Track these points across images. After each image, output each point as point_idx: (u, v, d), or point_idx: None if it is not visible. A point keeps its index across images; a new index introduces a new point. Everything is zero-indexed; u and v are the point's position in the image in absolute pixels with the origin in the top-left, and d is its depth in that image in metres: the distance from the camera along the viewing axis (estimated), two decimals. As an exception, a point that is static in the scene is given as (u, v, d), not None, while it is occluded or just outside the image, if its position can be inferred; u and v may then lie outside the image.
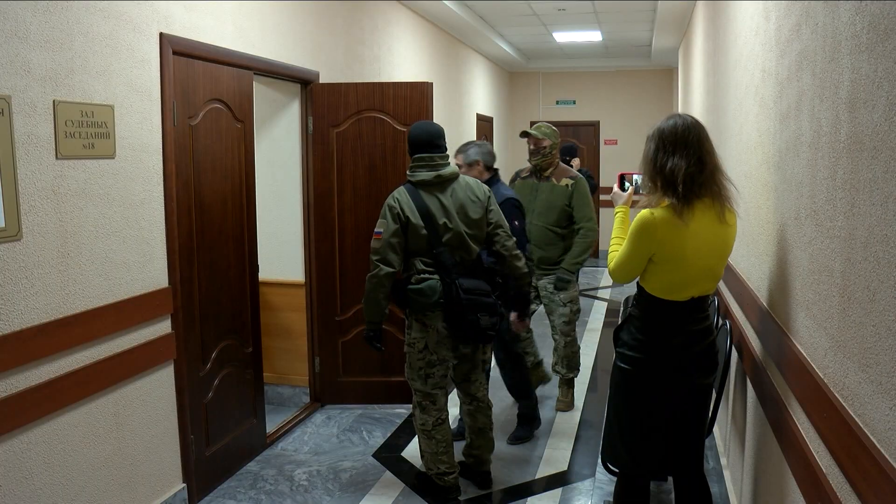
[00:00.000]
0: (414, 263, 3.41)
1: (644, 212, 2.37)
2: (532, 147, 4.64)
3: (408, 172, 3.48)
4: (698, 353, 2.45)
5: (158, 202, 3.23)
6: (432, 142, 3.45)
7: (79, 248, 2.76)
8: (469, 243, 3.44)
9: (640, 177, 2.58)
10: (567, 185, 4.60)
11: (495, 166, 4.13)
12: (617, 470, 2.76)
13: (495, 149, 10.75)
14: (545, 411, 4.78)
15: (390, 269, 3.35)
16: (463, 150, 4.04)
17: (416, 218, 3.35)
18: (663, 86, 11.35)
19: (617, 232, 2.58)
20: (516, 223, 3.88)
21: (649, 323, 2.46)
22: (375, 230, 3.39)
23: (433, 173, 3.40)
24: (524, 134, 4.64)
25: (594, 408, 4.90)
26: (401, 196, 3.39)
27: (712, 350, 2.50)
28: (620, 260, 2.46)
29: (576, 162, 8.20)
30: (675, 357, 2.44)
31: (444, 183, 3.43)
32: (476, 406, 3.67)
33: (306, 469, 3.93)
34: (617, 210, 2.66)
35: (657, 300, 2.42)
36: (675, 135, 2.34)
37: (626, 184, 2.72)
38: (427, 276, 3.38)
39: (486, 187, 3.58)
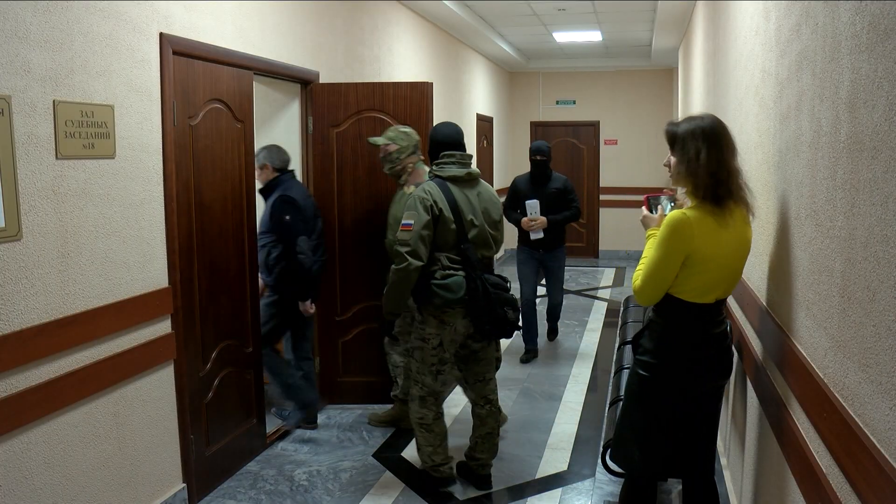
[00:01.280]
0: (439, 258, 3.40)
1: (676, 213, 2.30)
2: (380, 154, 4.16)
3: (434, 168, 3.53)
4: (718, 356, 2.43)
5: (158, 202, 3.23)
6: (459, 141, 3.57)
7: (79, 248, 2.76)
8: (491, 242, 3.55)
9: (666, 198, 2.55)
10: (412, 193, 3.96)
11: (289, 167, 4.26)
12: (623, 471, 2.74)
13: (495, 148, 10.76)
14: (539, 410, 4.78)
15: (419, 263, 3.32)
16: (255, 155, 4.14)
17: (447, 211, 3.37)
18: (663, 86, 11.35)
19: (647, 253, 2.42)
20: (287, 217, 4.03)
21: (672, 328, 2.40)
22: (404, 221, 3.36)
23: (465, 170, 3.49)
24: (371, 143, 4.16)
25: (594, 408, 4.90)
26: (432, 189, 3.41)
27: (730, 352, 2.48)
28: (650, 270, 2.33)
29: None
30: (698, 361, 2.41)
31: (472, 181, 3.53)
32: (488, 410, 3.68)
33: (306, 469, 3.93)
34: (649, 233, 2.52)
35: (683, 304, 2.35)
36: (718, 135, 2.30)
37: (656, 206, 2.60)
38: (452, 271, 3.38)
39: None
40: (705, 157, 2.28)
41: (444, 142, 3.55)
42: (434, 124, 3.76)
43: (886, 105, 1.31)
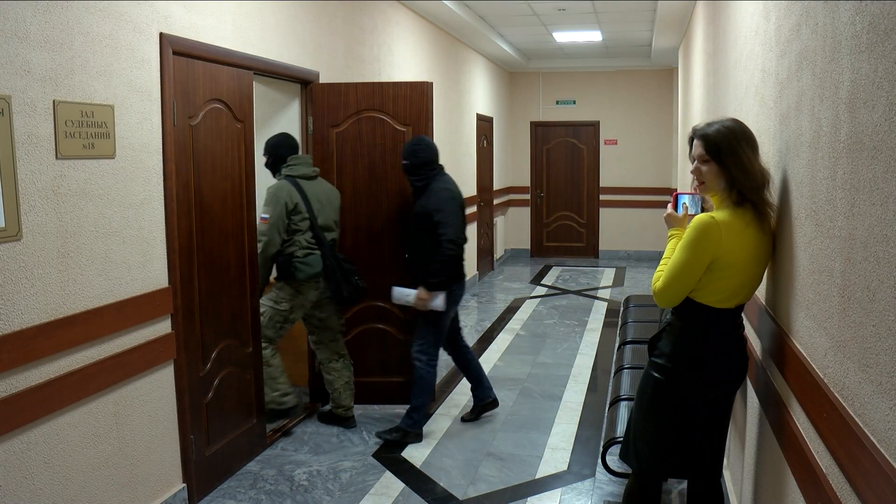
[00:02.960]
0: (298, 241, 4.16)
1: (703, 216, 2.25)
2: None
3: (285, 170, 4.21)
4: (735, 361, 2.41)
5: (158, 202, 3.23)
6: (298, 146, 4.34)
7: (79, 248, 2.76)
8: (335, 226, 4.34)
9: (694, 197, 2.49)
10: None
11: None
12: (631, 469, 2.73)
13: (495, 149, 10.76)
14: (539, 410, 4.78)
15: (275, 249, 4.12)
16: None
17: (301, 204, 4.13)
18: (663, 86, 11.34)
19: (669, 253, 2.38)
20: None
21: (692, 333, 2.36)
22: (262, 215, 4.09)
23: (311, 169, 4.28)
24: None
25: (594, 408, 4.90)
26: (286, 187, 4.13)
27: (746, 356, 2.46)
28: (673, 272, 2.27)
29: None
30: (715, 367, 2.38)
31: (316, 177, 4.31)
32: (343, 363, 4.46)
33: (306, 469, 3.93)
34: (671, 233, 2.46)
35: (705, 309, 2.31)
36: (754, 140, 2.28)
37: (684, 205, 2.50)
38: (310, 251, 4.18)
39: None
40: (752, 162, 2.24)
41: (289, 146, 4.27)
42: (275, 134, 4.37)
43: (886, 105, 1.31)
